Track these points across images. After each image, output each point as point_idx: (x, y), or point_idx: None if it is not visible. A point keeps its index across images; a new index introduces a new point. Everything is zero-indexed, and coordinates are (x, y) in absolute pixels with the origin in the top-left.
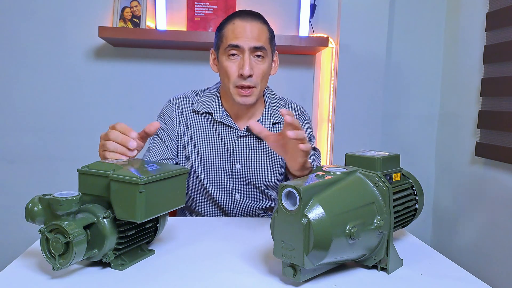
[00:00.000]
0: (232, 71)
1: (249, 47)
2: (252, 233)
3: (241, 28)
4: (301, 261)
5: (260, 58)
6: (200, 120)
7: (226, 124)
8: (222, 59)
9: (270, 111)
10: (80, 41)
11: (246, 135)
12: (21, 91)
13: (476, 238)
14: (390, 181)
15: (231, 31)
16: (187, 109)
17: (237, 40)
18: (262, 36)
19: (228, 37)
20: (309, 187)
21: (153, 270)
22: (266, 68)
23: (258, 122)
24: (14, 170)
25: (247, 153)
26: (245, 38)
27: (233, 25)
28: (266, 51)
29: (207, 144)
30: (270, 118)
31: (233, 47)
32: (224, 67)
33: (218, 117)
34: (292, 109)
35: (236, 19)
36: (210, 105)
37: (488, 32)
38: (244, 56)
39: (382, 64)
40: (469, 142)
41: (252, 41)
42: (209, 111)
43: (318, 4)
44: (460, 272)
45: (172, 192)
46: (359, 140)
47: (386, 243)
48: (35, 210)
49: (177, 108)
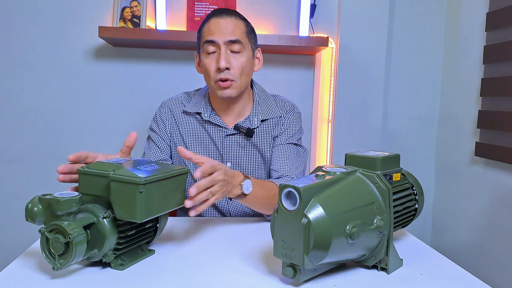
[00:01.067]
0: (211, 67)
1: (223, 41)
2: (252, 233)
3: (216, 25)
4: (301, 261)
5: (236, 53)
6: (190, 120)
7: (214, 123)
8: (202, 57)
9: (259, 109)
10: (80, 41)
11: (234, 133)
12: (21, 91)
13: (476, 238)
14: (390, 181)
15: (206, 29)
16: (178, 110)
17: (212, 36)
18: (237, 30)
19: (203, 35)
20: (309, 187)
21: (153, 270)
22: (245, 62)
23: (183, 148)
24: (14, 170)
25: (237, 151)
26: (220, 33)
27: (209, 23)
28: (242, 44)
29: (198, 143)
30: (259, 116)
31: (209, 43)
32: (204, 65)
33: (207, 117)
34: (282, 106)
35: (212, 18)
36: (200, 105)
37: (488, 32)
38: (220, 50)
39: (382, 64)
40: (469, 142)
41: (227, 36)
42: (198, 111)
43: (318, 4)
44: (460, 272)
45: (172, 192)
46: (359, 140)
47: (386, 243)
48: (35, 210)
49: (169, 110)
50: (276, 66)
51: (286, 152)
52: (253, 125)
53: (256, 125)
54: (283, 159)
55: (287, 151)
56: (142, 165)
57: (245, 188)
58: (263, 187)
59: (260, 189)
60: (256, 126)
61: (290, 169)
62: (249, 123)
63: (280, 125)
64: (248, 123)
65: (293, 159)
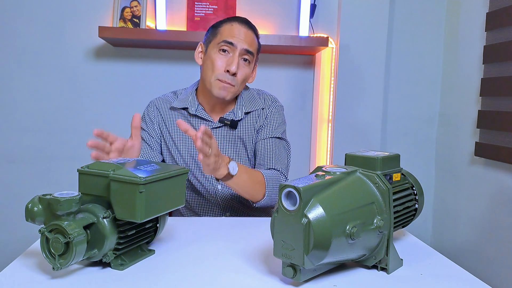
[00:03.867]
0: (219, 64)
1: (241, 48)
2: (252, 233)
3: (238, 30)
4: (301, 261)
5: (246, 62)
6: (176, 116)
7: (200, 117)
8: (211, 52)
9: (242, 102)
10: (80, 41)
11: (219, 126)
12: (21, 91)
13: (476, 238)
14: (390, 181)
15: (228, 30)
16: (165, 107)
17: (232, 38)
18: (253, 44)
19: (223, 34)
20: (309, 187)
21: (153, 270)
22: (248, 73)
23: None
24: (14, 170)
25: (222, 143)
26: (240, 39)
27: (231, 26)
28: (253, 57)
29: (184, 138)
30: (242, 108)
31: (227, 44)
32: (212, 59)
33: (193, 111)
34: (264, 99)
35: (235, 22)
36: (186, 101)
37: (488, 32)
38: (235, 54)
39: (382, 64)
40: (469, 142)
41: (245, 44)
42: (185, 106)
43: (318, 4)
44: (460, 272)
45: (172, 192)
46: (359, 140)
47: (386, 243)
48: (35, 210)
49: (155, 107)
50: (276, 66)
51: (272, 146)
52: (237, 117)
53: (240, 117)
54: (270, 153)
55: (272, 145)
56: (142, 165)
57: (231, 168)
58: (248, 172)
59: (245, 173)
60: (240, 118)
61: (277, 163)
62: (233, 115)
63: (263, 117)
64: (232, 116)
65: (279, 153)
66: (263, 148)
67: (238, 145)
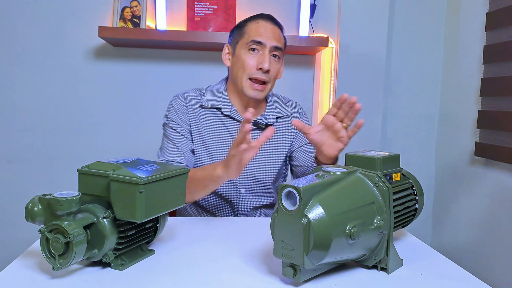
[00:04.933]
0: (250, 64)
1: (270, 46)
2: (252, 233)
3: (265, 28)
4: (301, 261)
5: (276, 58)
6: (208, 114)
7: (234, 118)
8: (241, 52)
9: (272, 107)
10: (80, 41)
11: (253, 129)
12: (21, 91)
13: (476, 238)
14: (390, 181)
15: (255, 29)
16: (195, 104)
17: (260, 37)
18: (281, 40)
19: (251, 33)
20: (309, 187)
21: (153, 270)
22: (279, 69)
23: (300, 120)
24: (14, 170)
25: None
26: (268, 37)
27: (257, 24)
28: (282, 53)
29: (216, 137)
30: (273, 113)
31: (256, 43)
32: (242, 60)
33: (227, 112)
34: (290, 105)
35: (260, 20)
36: (218, 100)
37: (488, 32)
38: (265, 52)
39: (382, 64)
40: (469, 142)
41: (273, 41)
42: (217, 106)
43: (318, 4)
44: (460, 272)
45: (172, 192)
46: (359, 140)
47: (386, 243)
48: (35, 210)
49: (185, 102)
50: None
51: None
52: (269, 121)
53: (272, 122)
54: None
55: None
56: (142, 165)
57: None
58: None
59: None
60: (272, 123)
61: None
62: (265, 119)
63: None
64: (264, 120)
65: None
66: (307, 154)
67: (268, 148)
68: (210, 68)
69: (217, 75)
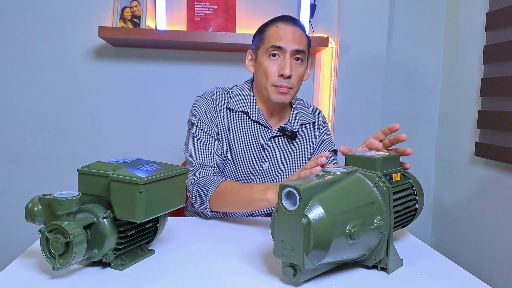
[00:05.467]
0: (272, 70)
1: (291, 50)
2: (252, 233)
3: (284, 31)
4: (301, 261)
5: (299, 61)
6: (235, 117)
7: (260, 124)
8: (262, 59)
9: (297, 114)
10: (80, 41)
11: (278, 135)
12: (21, 91)
13: (476, 238)
14: (390, 181)
15: (274, 33)
16: (222, 105)
17: (280, 41)
18: (303, 41)
19: (270, 38)
20: (309, 187)
21: (153, 270)
22: (303, 72)
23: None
24: (14, 170)
25: (277, 153)
26: (288, 40)
27: (276, 28)
28: (305, 55)
29: (241, 141)
30: (298, 120)
31: (276, 48)
32: (264, 67)
33: (255, 117)
34: (313, 111)
35: (279, 23)
36: (245, 104)
37: (488, 32)
38: (286, 57)
39: (382, 64)
40: (469, 142)
41: (294, 44)
42: (245, 110)
43: (318, 4)
44: (460, 272)
45: (172, 192)
46: (359, 140)
47: (386, 243)
48: (35, 210)
49: (212, 102)
50: None
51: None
52: (294, 128)
53: (297, 129)
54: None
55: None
56: (142, 165)
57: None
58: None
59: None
60: (297, 130)
61: None
62: (291, 126)
63: (318, 132)
64: (290, 127)
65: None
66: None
67: (292, 155)
68: (210, 68)
69: (217, 75)
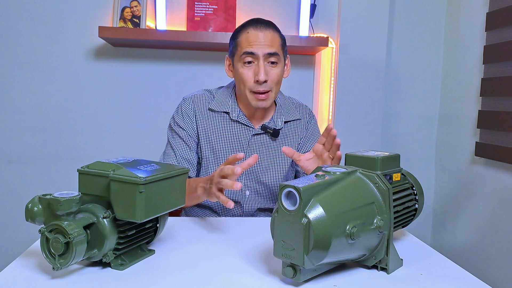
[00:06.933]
0: (248, 77)
1: (263, 54)
2: (252, 233)
3: (255, 37)
4: (301, 261)
5: (273, 64)
6: (216, 118)
7: (241, 123)
8: (238, 66)
9: (281, 111)
10: (80, 41)
11: (260, 133)
12: (21, 91)
13: (476, 238)
14: (390, 181)
15: (245, 40)
16: (203, 107)
17: (251, 47)
18: (275, 42)
19: (242, 45)
20: (309, 187)
21: (153, 270)
22: (280, 73)
23: (290, 148)
24: (14, 170)
25: (261, 150)
26: (259, 45)
27: (247, 34)
28: (279, 56)
29: (223, 141)
30: (282, 117)
31: (248, 54)
32: (240, 74)
33: (235, 117)
34: (299, 108)
35: (250, 28)
36: (226, 105)
37: (488, 32)
38: (259, 62)
39: (382, 64)
40: (469, 142)
41: (265, 48)
42: (226, 111)
43: (318, 4)
44: (460, 272)
45: (172, 192)
46: (359, 140)
47: (386, 243)
48: (35, 210)
49: (194, 105)
50: None
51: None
52: (277, 126)
53: (280, 126)
54: None
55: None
56: (142, 165)
57: None
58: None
59: None
60: (281, 127)
61: None
62: (274, 123)
63: (304, 130)
64: (273, 124)
65: None
66: None
67: (276, 152)
68: (210, 68)
69: (217, 75)
